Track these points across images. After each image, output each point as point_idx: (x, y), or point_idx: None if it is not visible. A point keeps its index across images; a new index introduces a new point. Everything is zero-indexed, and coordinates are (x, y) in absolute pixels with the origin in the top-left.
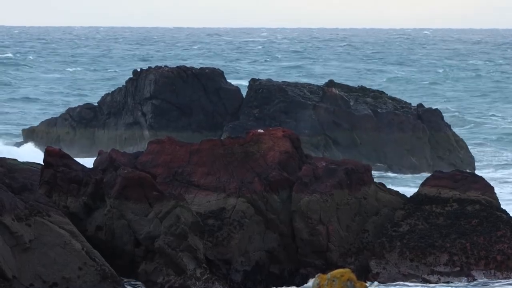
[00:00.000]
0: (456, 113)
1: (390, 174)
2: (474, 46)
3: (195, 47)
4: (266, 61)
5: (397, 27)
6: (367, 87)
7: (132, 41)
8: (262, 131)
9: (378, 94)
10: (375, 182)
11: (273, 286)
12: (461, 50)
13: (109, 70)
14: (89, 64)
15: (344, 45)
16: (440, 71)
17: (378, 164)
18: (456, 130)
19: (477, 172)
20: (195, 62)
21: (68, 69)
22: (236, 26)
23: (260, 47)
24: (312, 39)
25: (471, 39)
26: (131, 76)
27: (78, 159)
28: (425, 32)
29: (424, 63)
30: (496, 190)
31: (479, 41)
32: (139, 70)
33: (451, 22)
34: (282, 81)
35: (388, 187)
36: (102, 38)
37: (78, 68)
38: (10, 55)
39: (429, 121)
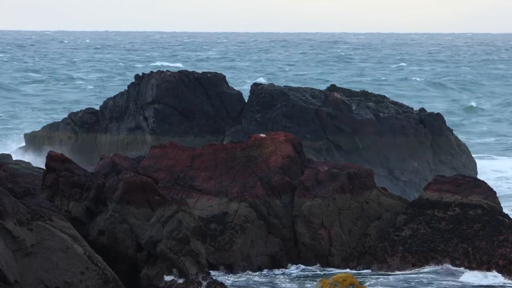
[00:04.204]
0: None
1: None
2: None
3: None
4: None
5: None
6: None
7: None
8: (264, 135)
9: (380, 99)
10: (377, 186)
11: None
12: None
13: None
14: None
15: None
16: None
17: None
18: None
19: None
20: None
21: None
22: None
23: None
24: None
25: None
26: (133, 81)
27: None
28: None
29: None
30: None
31: None
32: (141, 74)
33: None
34: (284, 86)
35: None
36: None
37: None
38: None
39: (431, 125)
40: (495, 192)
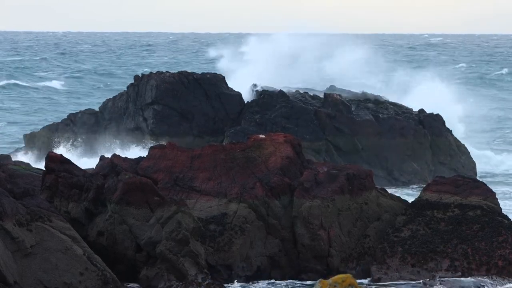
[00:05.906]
0: None
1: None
2: None
3: None
4: None
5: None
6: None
7: None
8: (263, 136)
9: (380, 100)
10: (376, 187)
11: None
12: None
13: None
14: None
15: None
16: None
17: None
18: None
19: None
20: None
21: None
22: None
23: None
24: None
25: None
26: (133, 82)
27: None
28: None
29: None
30: None
31: None
32: (140, 75)
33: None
34: (284, 87)
35: (389, 192)
36: None
37: None
38: None
39: (430, 126)
40: (494, 193)
